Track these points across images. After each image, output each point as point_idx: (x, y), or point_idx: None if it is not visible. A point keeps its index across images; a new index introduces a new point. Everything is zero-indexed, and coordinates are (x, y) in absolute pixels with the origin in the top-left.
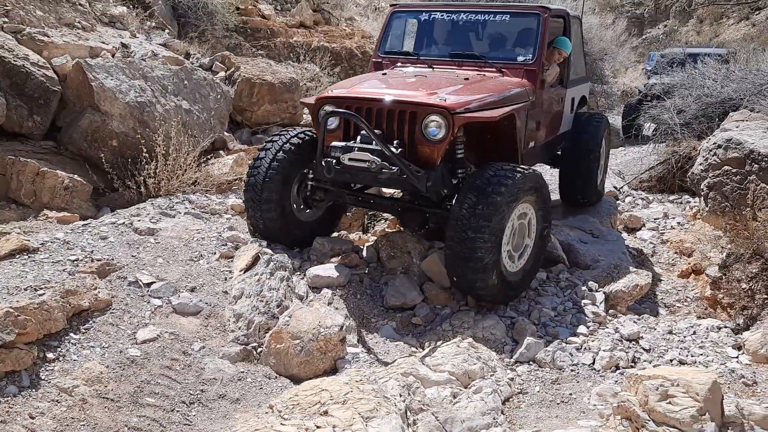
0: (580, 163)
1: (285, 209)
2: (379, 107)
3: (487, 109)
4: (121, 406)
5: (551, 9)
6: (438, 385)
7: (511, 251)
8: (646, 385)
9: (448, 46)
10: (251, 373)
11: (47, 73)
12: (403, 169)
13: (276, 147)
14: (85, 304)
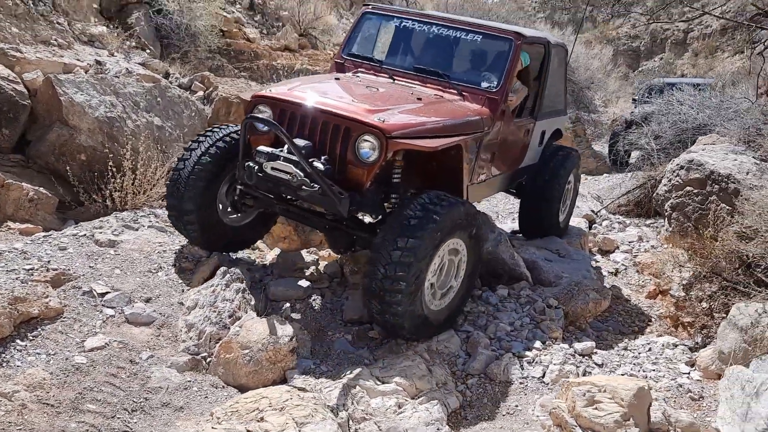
0: (541, 198)
1: (209, 213)
2: (313, 116)
3: (430, 136)
4: (60, 411)
5: (527, 36)
6: (384, 396)
7: (435, 289)
8: (574, 392)
9: (414, 59)
10: (198, 382)
11: (17, 87)
12: (323, 188)
13: (203, 147)
14: (34, 312)
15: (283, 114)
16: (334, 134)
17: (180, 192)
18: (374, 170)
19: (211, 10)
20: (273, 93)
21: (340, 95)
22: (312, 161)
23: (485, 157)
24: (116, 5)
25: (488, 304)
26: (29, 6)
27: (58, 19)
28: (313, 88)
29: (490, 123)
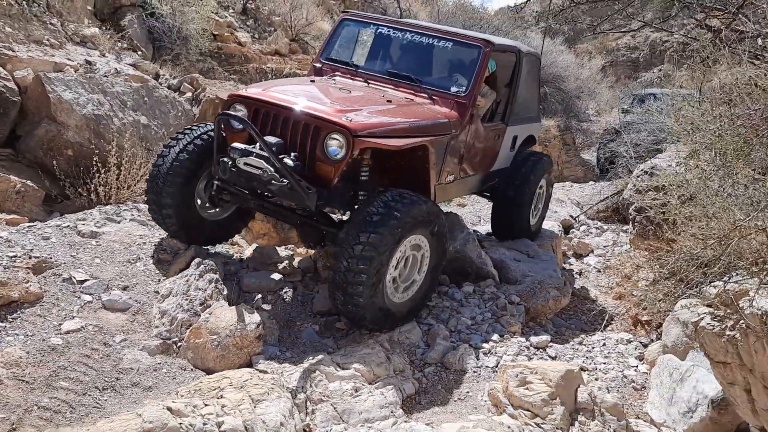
0: (512, 201)
1: (188, 206)
2: (285, 115)
3: (395, 136)
4: (34, 387)
5: (496, 44)
6: (342, 380)
7: (398, 281)
8: (509, 373)
9: (388, 64)
10: (167, 365)
11: (8, 84)
12: (291, 183)
13: (182, 144)
14: (14, 296)
15: (257, 113)
16: (304, 132)
17: (159, 187)
18: (341, 167)
19: (203, 14)
20: (248, 92)
21: (312, 96)
22: (282, 158)
23: (453, 158)
24: (110, 8)
25: (453, 300)
26: (23, 7)
27: (51, 20)
28: (287, 89)
29: (458, 126)
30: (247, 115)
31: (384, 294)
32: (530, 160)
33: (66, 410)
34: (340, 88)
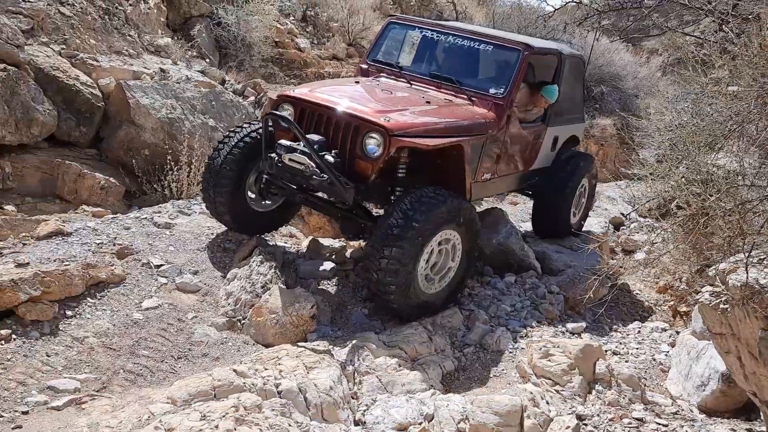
0: (552, 199)
1: (239, 198)
2: (328, 115)
3: (431, 136)
4: (120, 354)
5: (535, 47)
6: (387, 356)
7: (429, 275)
8: (534, 347)
9: (431, 66)
10: (232, 339)
11: (93, 91)
12: (331, 178)
13: (234, 141)
14: (102, 276)
15: (303, 112)
16: (345, 131)
17: (213, 181)
18: (378, 164)
19: (266, 23)
20: (295, 93)
21: (354, 97)
22: (323, 155)
23: (490, 157)
24: (181, 19)
25: (495, 289)
26: (105, 21)
27: (129, 32)
28: (331, 89)
29: (495, 126)
30: (293, 114)
31: (417, 291)
32: (571, 159)
33: (147, 374)
34: (382, 89)
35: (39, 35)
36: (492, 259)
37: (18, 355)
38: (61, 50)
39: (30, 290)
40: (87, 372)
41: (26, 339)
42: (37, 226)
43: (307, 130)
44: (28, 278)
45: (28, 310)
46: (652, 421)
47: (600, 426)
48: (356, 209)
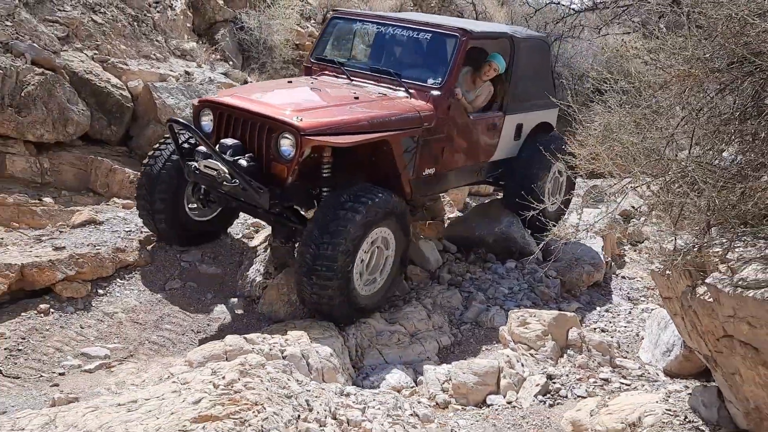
0: (520, 189)
1: (177, 210)
2: (244, 117)
3: (349, 133)
4: (146, 328)
5: (475, 31)
6: (388, 331)
7: (364, 275)
8: (512, 317)
9: (372, 60)
10: (248, 316)
11: (123, 93)
12: (242, 183)
13: (169, 150)
14: (130, 260)
15: (221, 116)
16: (260, 133)
17: (151, 193)
18: (293, 166)
19: (287, 26)
20: (213, 97)
21: (273, 98)
22: (237, 159)
23: (431, 152)
24: (206, 24)
25: (495, 274)
26: (134, 27)
27: (156, 37)
28: (254, 92)
29: (433, 119)
30: (213, 118)
31: (353, 288)
32: (537, 145)
33: (169, 345)
34: (312, 88)
35: (73, 42)
36: (494, 247)
37: (55, 326)
38: (93, 55)
39: (66, 270)
40: (116, 342)
41: (63, 313)
42: (72, 216)
43: (226, 134)
44: (64, 260)
45: (64, 287)
46: (616, 381)
47: (567, 384)
48: (287, 213)
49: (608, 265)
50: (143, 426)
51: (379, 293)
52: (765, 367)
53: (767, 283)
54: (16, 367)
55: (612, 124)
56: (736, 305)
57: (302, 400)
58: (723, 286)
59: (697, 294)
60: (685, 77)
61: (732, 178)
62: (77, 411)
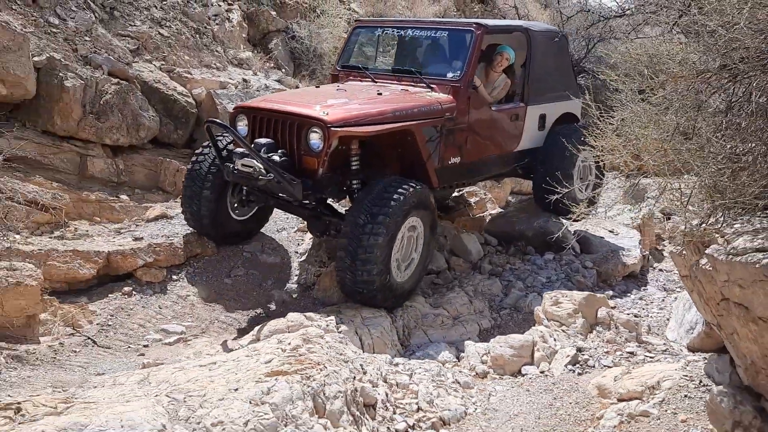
0: (543, 179)
1: (220, 210)
2: (276, 118)
3: (374, 124)
4: (215, 309)
5: (489, 26)
6: (432, 314)
7: (399, 262)
8: (546, 297)
9: (395, 61)
10: (304, 301)
11: (188, 99)
12: (277, 176)
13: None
14: (198, 250)
15: (255, 119)
16: (290, 130)
17: (196, 195)
18: (323, 158)
19: (335, 34)
20: (247, 103)
21: (300, 99)
22: (270, 155)
23: (455, 141)
24: (260, 34)
25: (534, 265)
26: (197, 39)
27: (216, 48)
28: (284, 96)
29: (454, 110)
30: (248, 123)
31: (390, 274)
32: (560, 135)
33: (236, 324)
34: (337, 90)
35: (143, 54)
36: (533, 240)
37: (138, 306)
38: (161, 66)
39: (145, 257)
40: (190, 321)
41: (143, 295)
42: (146, 211)
43: (259, 135)
44: (144, 248)
45: (144, 273)
46: (641, 354)
47: (595, 356)
48: (321, 207)
49: (646, 259)
50: (225, 379)
51: (412, 278)
52: (755, 323)
53: (753, 250)
54: (107, 339)
55: (626, 119)
56: (728, 270)
57: (357, 365)
58: (718, 255)
59: (700, 265)
60: (678, 78)
61: (724, 164)
62: (166, 370)
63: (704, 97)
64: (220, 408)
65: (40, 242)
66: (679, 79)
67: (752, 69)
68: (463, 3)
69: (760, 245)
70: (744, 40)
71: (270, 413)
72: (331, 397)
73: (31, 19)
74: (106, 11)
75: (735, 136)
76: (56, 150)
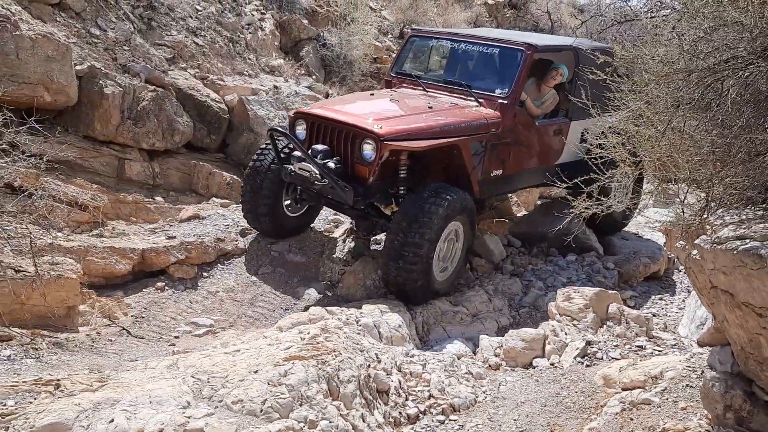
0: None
1: (277, 206)
2: (332, 126)
3: (423, 138)
4: (242, 304)
5: (539, 45)
6: (452, 312)
7: (441, 263)
8: (559, 293)
9: (446, 73)
10: (328, 297)
11: (221, 105)
12: (331, 182)
13: (269, 159)
14: (229, 249)
15: (312, 125)
16: (345, 139)
17: (256, 194)
18: (374, 167)
19: (365, 41)
20: (306, 109)
21: (357, 108)
22: (326, 162)
23: (499, 155)
24: (292, 42)
25: (555, 266)
26: (230, 47)
27: (248, 56)
28: (341, 103)
29: (499, 125)
30: (306, 128)
31: (432, 274)
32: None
33: (262, 319)
34: (391, 99)
35: (179, 62)
36: (555, 242)
37: (170, 300)
38: (195, 73)
39: (177, 255)
40: (218, 315)
41: (175, 290)
42: (179, 213)
43: (317, 140)
44: (176, 246)
45: (176, 269)
46: (650, 348)
47: (603, 349)
48: (369, 209)
49: (671, 261)
50: (246, 363)
51: (450, 279)
52: (739, 309)
53: (734, 238)
54: (141, 330)
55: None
56: (713, 258)
57: (372, 354)
58: (705, 244)
59: (691, 255)
60: (662, 77)
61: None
62: (193, 356)
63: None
64: (240, 388)
65: (80, 239)
66: (662, 78)
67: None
68: (496, 9)
69: (741, 234)
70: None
71: (286, 393)
72: (345, 381)
73: (74, 30)
74: (144, 22)
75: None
76: (96, 154)
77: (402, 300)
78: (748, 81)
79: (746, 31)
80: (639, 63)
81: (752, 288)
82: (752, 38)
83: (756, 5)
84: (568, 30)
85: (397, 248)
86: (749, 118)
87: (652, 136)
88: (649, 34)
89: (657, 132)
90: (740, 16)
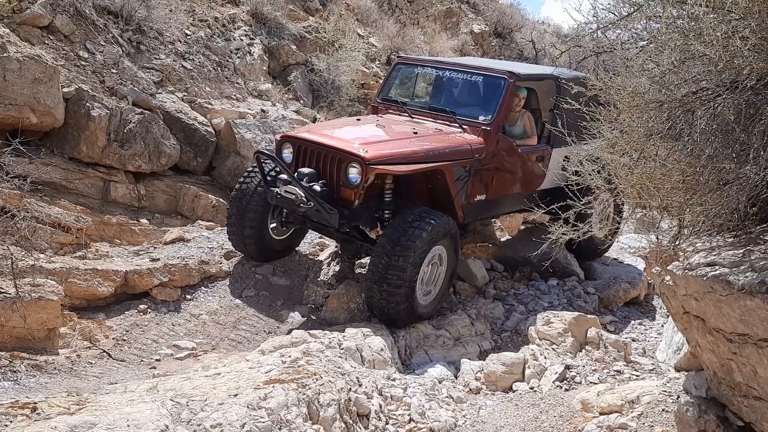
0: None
1: (262, 230)
2: (318, 150)
3: (407, 163)
4: (225, 327)
5: (521, 74)
6: (434, 335)
7: (425, 287)
8: (539, 318)
9: (431, 99)
10: (312, 320)
11: (208, 129)
12: (316, 205)
13: (256, 179)
14: (213, 271)
15: (299, 149)
16: (331, 163)
17: (240, 219)
18: (359, 191)
19: (353, 67)
20: (293, 133)
21: (343, 133)
22: (312, 185)
23: (482, 180)
24: (280, 67)
25: (537, 290)
26: (218, 71)
27: (237, 80)
28: (328, 128)
29: (482, 151)
30: (292, 151)
31: (415, 297)
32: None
33: (245, 342)
34: (377, 125)
35: (167, 85)
36: (537, 267)
37: (152, 323)
38: (183, 96)
39: (161, 277)
40: (201, 338)
41: (158, 312)
42: (164, 235)
43: (303, 164)
44: (159, 269)
45: (159, 292)
46: (627, 373)
47: (582, 373)
48: (354, 232)
49: (650, 286)
50: (226, 386)
51: (433, 303)
52: (711, 334)
53: (704, 265)
54: (122, 353)
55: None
56: (685, 284)
57: (353, 377)
58: (677, 270)
59: (664, 281)
60: (632, 107)
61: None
62: (174, 380)
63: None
64: (219, 411)
65: (63, 261)
66: (634, 109)
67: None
68: (481, 38)
69: (711, 260)
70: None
71: (266, 417)
72: (325, 404)
73: (62, 52)
74: (132, 45)
75: (684, 159)
76: (81, 175)
77: (386, 323)
78: (716, 112)
79: (712, 64)
80: (612, 93)
81: (722, 314)
82: (718, 72)
83: (721, 39)
84: (552, 59)
85: (381, 271)
86: (717, 147)
87: (627, 164)
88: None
89: (631, 160)
90: (706, 49)
